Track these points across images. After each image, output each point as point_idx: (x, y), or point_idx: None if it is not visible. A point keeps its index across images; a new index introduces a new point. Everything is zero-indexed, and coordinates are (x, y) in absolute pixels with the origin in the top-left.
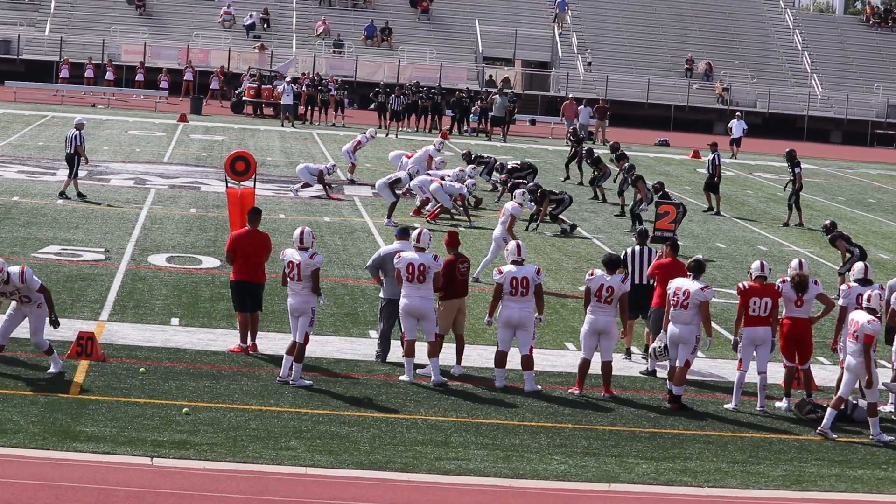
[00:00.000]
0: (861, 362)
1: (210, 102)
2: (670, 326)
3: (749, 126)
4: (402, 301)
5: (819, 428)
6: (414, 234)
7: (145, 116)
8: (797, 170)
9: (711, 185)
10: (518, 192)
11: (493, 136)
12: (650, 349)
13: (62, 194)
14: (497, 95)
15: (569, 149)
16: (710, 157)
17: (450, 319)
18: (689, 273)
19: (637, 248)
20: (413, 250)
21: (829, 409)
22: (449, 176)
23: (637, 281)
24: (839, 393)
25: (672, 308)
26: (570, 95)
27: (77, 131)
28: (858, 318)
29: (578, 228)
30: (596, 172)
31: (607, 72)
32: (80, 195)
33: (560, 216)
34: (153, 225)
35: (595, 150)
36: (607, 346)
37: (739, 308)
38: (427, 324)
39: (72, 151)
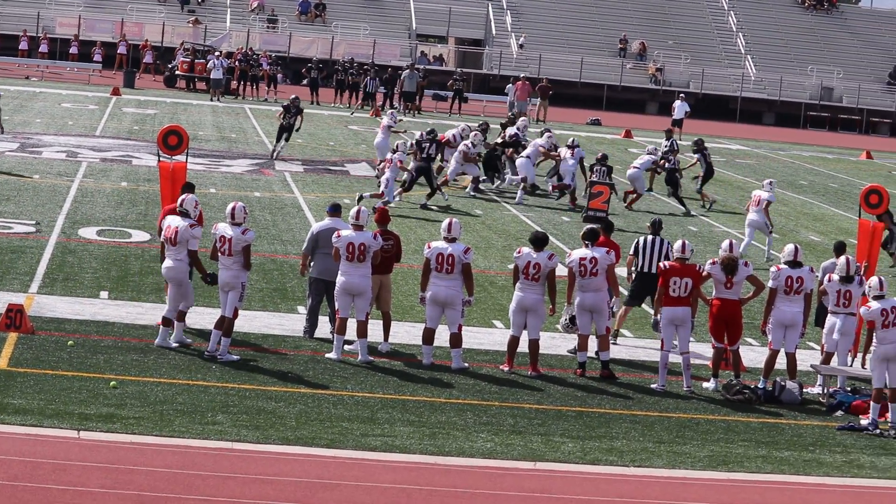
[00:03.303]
0: None
1: (143, 76)
2: (581, 295)
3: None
4: (340, 278)
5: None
6: (353, 211)
7: (78, 89)
8: (697, 156)
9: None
10: (767, 181)
11: (407, 112)
12: (560, 324)
13: None
14: (408, 70)
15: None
16: (668, 141)
17: (373, 295)
18: (585, 242)
19: (650, 237)
20: (351, 228)
21: (891, 405)
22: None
23: (647, 269)
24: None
25: (580, 278)
26: (522, 75)
27: None
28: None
29: (509, 206)
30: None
31: (541, 50)
32: None
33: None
34: (84, 198)
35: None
36: (535, 324)
37: (659, 287)
38: (362, 301)
39: None
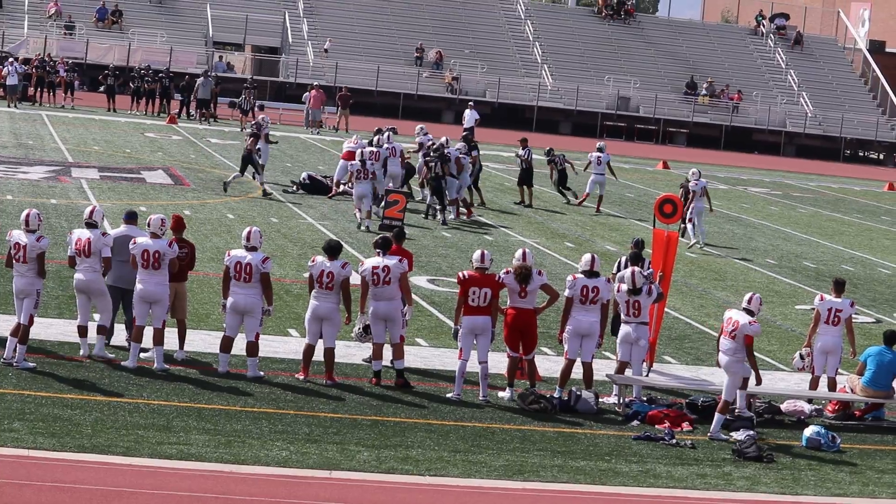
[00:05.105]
0: (740, 359)
1: None
2: (374, 304)
3: (479, 115)
4: (137, 286)
5: (709, 434)
6: (148, 219)
7: None
8: (474, 153)
9: (526, 179)
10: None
11: (203, 119)
12: (354, 333)
13: None
14: (202, 77)
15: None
16: (522, 152)
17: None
18: (378, 250)
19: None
20: (147, 236)
21: (716, 415)
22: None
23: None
24: (724, 397)
25: (373, 287)
26: (316, 84)
27: None
28: (737, 317)
29: (306, 216)
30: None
31: (338, 59)
32: None
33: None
34: None
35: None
36: (330, 333)
37: (459, 297)
38: (159, 309)
39: None
